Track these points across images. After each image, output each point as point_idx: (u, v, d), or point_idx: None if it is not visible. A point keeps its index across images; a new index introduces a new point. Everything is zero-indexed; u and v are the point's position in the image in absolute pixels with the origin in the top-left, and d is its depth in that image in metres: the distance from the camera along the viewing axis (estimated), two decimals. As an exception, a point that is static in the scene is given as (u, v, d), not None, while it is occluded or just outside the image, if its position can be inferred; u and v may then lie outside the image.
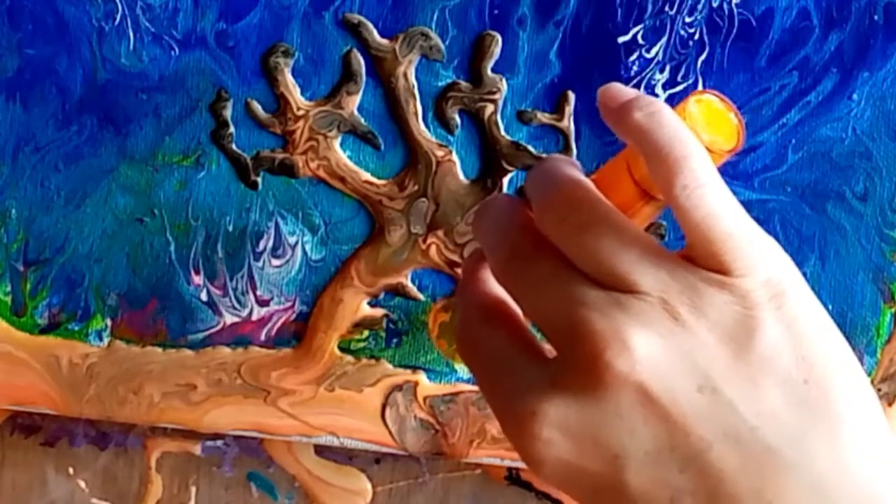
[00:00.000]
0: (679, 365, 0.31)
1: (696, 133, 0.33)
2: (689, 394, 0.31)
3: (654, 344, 0.31)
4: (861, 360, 0.57)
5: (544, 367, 0.33)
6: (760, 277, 0.32)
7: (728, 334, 0.31)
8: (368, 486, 0.63)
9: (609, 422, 0.31)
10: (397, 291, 0.59)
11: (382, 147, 0.58)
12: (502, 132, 0.57)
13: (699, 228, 0.32)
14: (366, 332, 0.60)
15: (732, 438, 0.30)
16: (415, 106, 0.57)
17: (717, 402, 0.31)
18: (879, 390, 0.58)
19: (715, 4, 0.55)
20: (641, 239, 0.32)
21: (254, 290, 0.59)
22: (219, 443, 0.63)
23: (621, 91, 0.35)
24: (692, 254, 0.32)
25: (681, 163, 0.32)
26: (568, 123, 0.57)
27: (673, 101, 0.56)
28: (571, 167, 0.35)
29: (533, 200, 0.34)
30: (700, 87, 0.56)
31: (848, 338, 0.37)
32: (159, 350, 0.60)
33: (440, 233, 0.58)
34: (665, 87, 0.56)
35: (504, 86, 0.57)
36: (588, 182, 0.34)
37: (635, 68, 0.56)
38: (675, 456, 0.30)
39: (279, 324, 0.60)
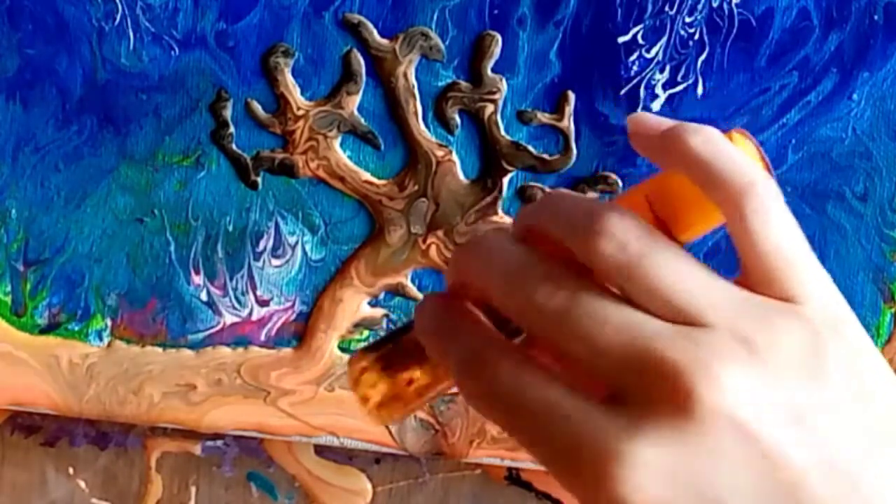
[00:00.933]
0: (766, 396, 0.30)
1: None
2: (781, 426, 0.30)
3: (741, 376, 0.30)
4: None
5: (615, 408, 0.30)
6: (820, 304, 0.32)
7: (801, 362, 0.31)
8: (368, 486, 0.63)
9: (706, 461, 0.30)
10: (397, 291, 0.59)
11: (382, 147, 0.58)
12: (502, 132, 0.57)
13: (768, 256, 0.31)
14: (366, 332, 0.60)
15: (824, 470, 0.30)
16: (415, 106, 0.57)
17: (806, 432, 0.30)
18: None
19: (715, 4, 0.55)
20: (700, 266, 0.31)
21: (254, 290, 0.59)
22: (219, 443, 0.63)
23: (657, 119, 0.34)
24: (752, 281, 0.32)
25: (749, 188, 0.31)
26: (568, 123, 0.57)
27: (673, 101, 0.57)
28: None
29: (570, 229, 0.32)
30: (700, 87, 0.56)
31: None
32: (159, 350, 0.60)
33: (440, 233, 0.58)
34: (665, 87, 0.56)
35: (504, 86, 0.57)
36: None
37: (635, 68, 0.56)
38: (775, 491, 0.30)
39: (279, 324, 0.60)
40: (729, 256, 0.32)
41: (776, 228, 0.31)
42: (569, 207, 0.32)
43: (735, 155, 0.32)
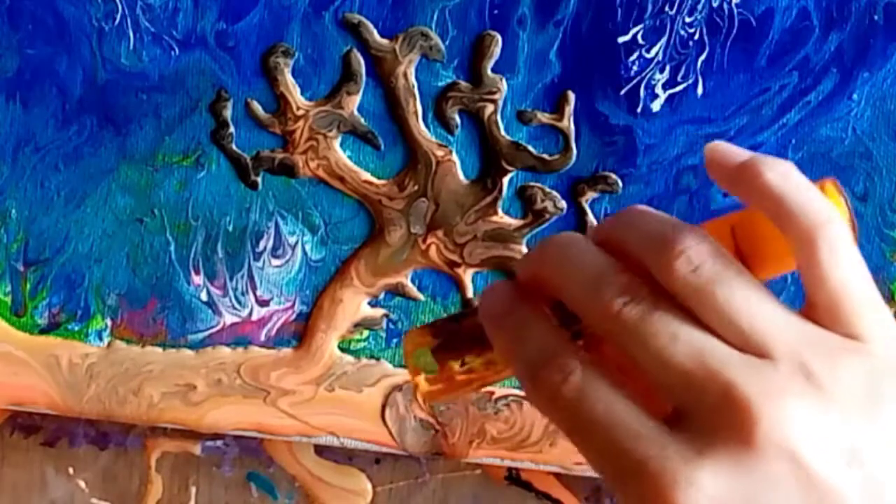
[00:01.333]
0: (826, 433, 0.31)
1: None
2: (839, 464, 0.31)
3: (803, 412, 0.30)
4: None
5: (678, 431, 0.31)
6: (883, 344, 0.32)
7: (862, 401, 0.31)
8: (368, 486, 0.63)
9: (762, 492, 0.30)
10: (397, 291, 0.59)
11: (382, 147, 0.58)
12: (502, 132, 0.57)
13: (836, 292, 0.32)
14: (366, 332, 0.60)
15: None
16: (415, 106, 0.57)
17: (863, 472, 0.31)
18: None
19: (715, 4, 0.55)
20: (770, 297, 0.32)
21: (254, 290, 0.59)
22: (219, 443, 0.63)
23: (735, 149, 0.34)
24: (818, 316, 0.32)
25: (825, 225, 0.32)
26: (568, 123, 0.57)
27: (673, 101, 0.57)
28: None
29: (649, 245, 0.33)
30: (700, 87, 0.56)
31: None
32: (159, 350, 0.60)
33: (440, 233, 0.58)
34: (665, 87, 0.56)
35: (504, 86, 0.57)
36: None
37: (635, 68, 0.56)
38: None
39: (279, 324, 0.60)
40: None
41: (845, 267, 0.32)
42: (649, 224, 0.33)
43: (810, 192, 0.33)
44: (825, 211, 0.32)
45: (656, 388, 0.32)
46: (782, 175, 0.33)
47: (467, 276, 0.59)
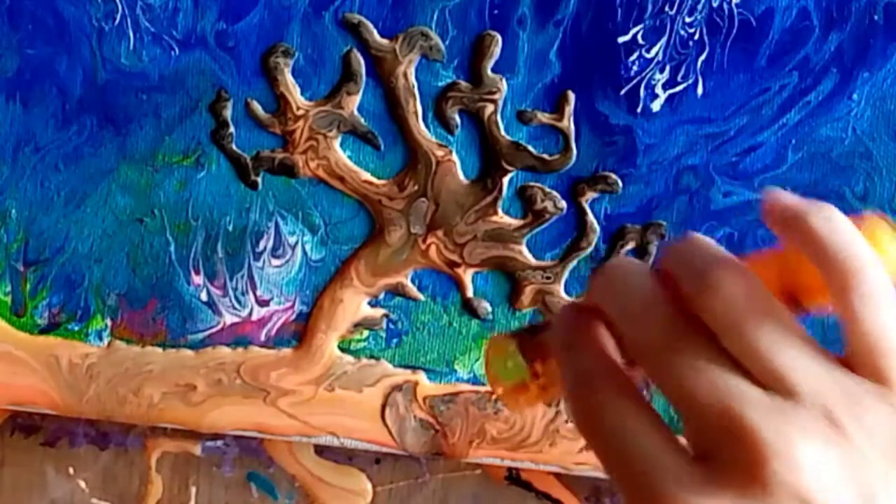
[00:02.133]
0: (841, 477, 0.31)
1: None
2: None
3: (819, 454, 0.31)
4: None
5: (695, 461, 0.32)
6: None
7: (886, 448, 0.31)
8: (368, 486, 0.63)
9: None
10: (397, 291, 0.59)
11: (382, 147, 0.58)
12: (502, 132, 0.57)
13: (868, 339, 0.32)
14: (366, 332, 0.60)
15: None
16: (415, 106, 0.57)
17: None
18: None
19: (715, 4, 0.55)
20: (804, 337, 0.32)
21: (254, 290, 0.59)
22: (219, 443, 0.63)
23: (788, 195, 0.35)
24: (852, 361, 0.33)
25: (861, 271, 0.32)
26: (568, 123, 0.57)
27: (673, 101, 0.57)
28: (721, 248, 0.35)
29: (689, 278, 0.34)
30: (700, 87, 0.56)
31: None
32: (159, 350, 0.60)
33: (440, 233, 0.58)
34: (665, 87, 0.56)
35: (504, 86, 0.57)
36: (749, 269, 0.34)
37: (635, 68, 0.56)
38: None
39: (279, 324, 0.60)
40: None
41: (881, 315, 0.32)
42: (694, 257, 0.34)
43: (851, 237, 0.33)
44: (860, 258, 0.32)
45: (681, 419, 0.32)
46: (824, 219, 0.33)
47: (467, 276, 0.59)
